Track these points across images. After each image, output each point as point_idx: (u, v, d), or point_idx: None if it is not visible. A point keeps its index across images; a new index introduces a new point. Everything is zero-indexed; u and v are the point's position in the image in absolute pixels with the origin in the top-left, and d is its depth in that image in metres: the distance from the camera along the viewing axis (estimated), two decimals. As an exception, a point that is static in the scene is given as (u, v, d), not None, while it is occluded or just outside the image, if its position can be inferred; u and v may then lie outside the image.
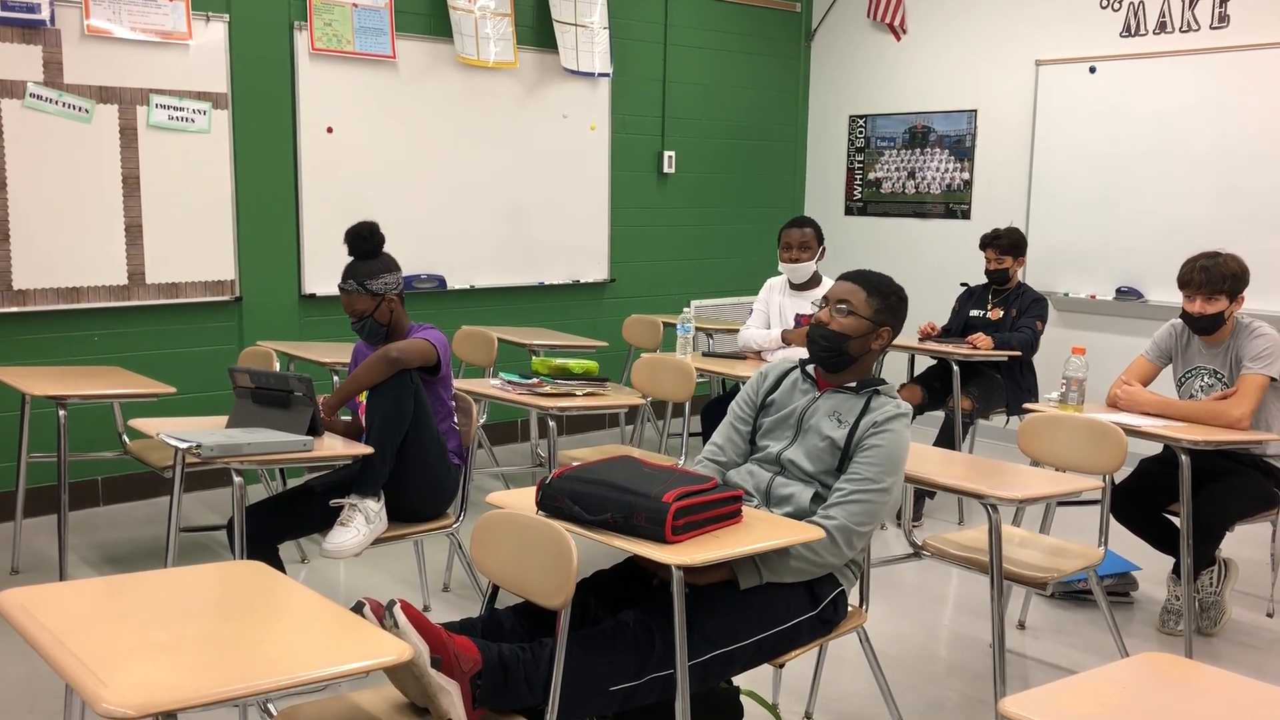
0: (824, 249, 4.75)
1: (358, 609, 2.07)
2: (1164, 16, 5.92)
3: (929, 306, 6.60)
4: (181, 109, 5.08)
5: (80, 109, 4.82)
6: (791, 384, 2.84)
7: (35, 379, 3.99)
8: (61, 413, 3.86)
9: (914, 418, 5.06)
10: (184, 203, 5.14)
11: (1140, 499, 3.93)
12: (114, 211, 4.96)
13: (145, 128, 5.00)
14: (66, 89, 4.78)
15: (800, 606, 2.59)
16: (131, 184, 4.99)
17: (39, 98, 4.72)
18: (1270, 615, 4.08)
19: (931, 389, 5.23)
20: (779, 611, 2.54)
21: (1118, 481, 3.78)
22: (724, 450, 2.87)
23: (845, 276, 2.80)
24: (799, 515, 2.64)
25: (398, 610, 2.05)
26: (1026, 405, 4.07)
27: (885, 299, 2.75)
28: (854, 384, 2.76)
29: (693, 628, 2.37)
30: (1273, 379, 3.71)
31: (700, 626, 2.42)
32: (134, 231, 5.02)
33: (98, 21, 4.81)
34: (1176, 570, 3.85)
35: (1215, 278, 3.72)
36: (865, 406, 2.69)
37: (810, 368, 2.84)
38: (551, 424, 3.95)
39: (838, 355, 2.74)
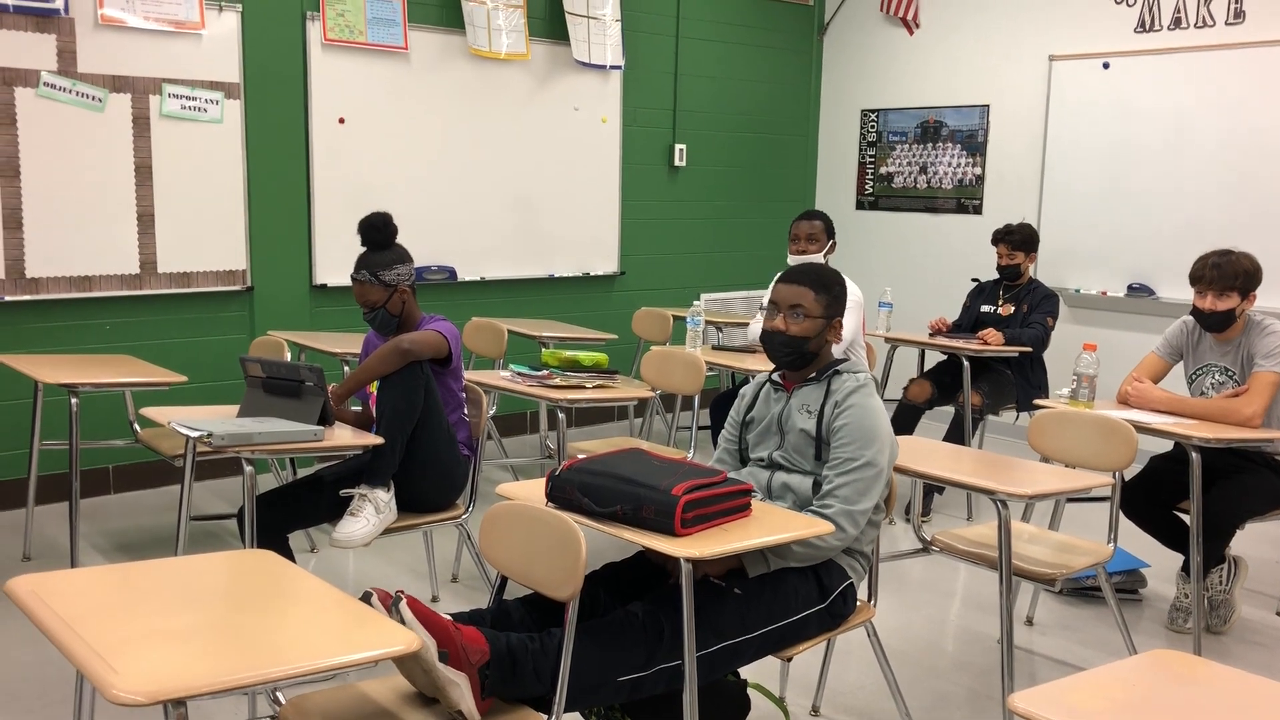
0: (834, 243, 4.73)
1: (365, 599, 2.07)
2: (1179, 12, 5.88)
3: (940, 301, 6.59)
4: (194, 99, 5.09)
5: (93, 98, 4.83)
6: (765, 396, 2.92)
7: (47, 367, 4.01)
8: (73, 401, 3.88)
9: (923, 412, 5.14)
10: (196, 192, 5.15)
11: (1150, 496, 3.92)
12: (126, 201, 4.97)
13: (158, 117, 5.01)
14: (80, 78, 4.79)
15: (809, 599, 2.59)
16: (144, 173, 5.00)
17: (53, 86, 4.73)
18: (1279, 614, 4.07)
19: (941, 384, 5.22)
20: (788, 604, 2.55)
21: (1128, 478, 3.78)
22: (726, 469, 2.93)
23: (789, 279, 2.80)
24: (803, 504, 2.69)
25: (404, 607, 2.05)
26: (1037, 401, 4.06)
27: (831, 292, 2.79)
28: (814, 374, 2.81)
29: (701, 619, 2.38)
30: (1285, 377, 3.69)
31: (709, 618, 2.42)
32: (146, 221, 5.03)
33: (111, 11, 4.82)
34: (1186, 568, 3.84)
35: (1227, 275, 3.71)
36: (827, 390, 2.75)
37: (777, 375, 2.91)
38: (561, 416, 3.96)
39: (800, 356, 2.79)
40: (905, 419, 5.12)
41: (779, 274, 2.90)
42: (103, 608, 1.84)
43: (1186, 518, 3.76)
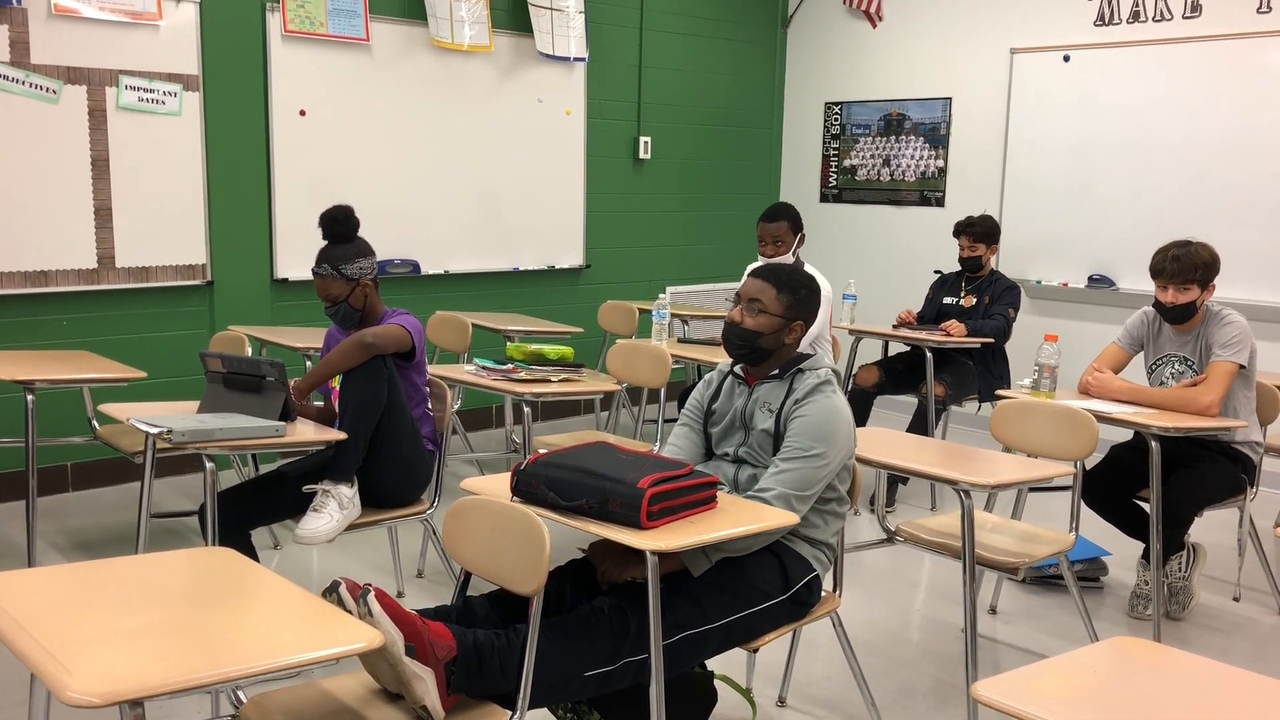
0: (803, 235, 4.72)
1: (333, 589, 2.06)
2: (1137, 6, 5.94)
3: (903, 293, 6.63)
4: (151, 91, 5.01)
5: (48, 90, 4.75)
6: (729, 388, 2.90)
7: (3, 363, 3.94)
8: (30, 397, 3.81)
9: (874, 397, 5.16)
10: (154, 186, 5.08)
11: (1111, 485, 3.96)
12: (83, 194, 4.89)
13: (114, 109, 4.93)
14: (33, 69, 4.71)
15: (772, 590, 2.60)
16: (101, 166, 4.93)
17: (5, 78, 4.64)
18: (1237, 600, 4.13)
19: (895, 372, 5.26)
20: (751, 594, 2.55)
21: (1089, 468, 3.81)
22: (682, 451, 2.90)
23: (756, 274, 2.82)
24: None
25: (371, 599, 2.04)
26: (999, 392, 4.09)
27: (795, 294, 2.79)
28: (777, 371, 2.80)
29: (665, 610, 2.37)
30: (1241, 366, 3.75)
31: (672, 609, 2.42)
32: (103, 214, 4.95)
33: (65, 1, 4.74)
34: (1146, 555, 3.88)
35: (1187, 267, 3.75)
36: (789, 389, 2.74)
37: (739, 367, 2.89)
38: (526, 410, 3.94)
39: (753, 351, 2.79)
40: (856, 405, 5.14)
41: (752, 266, 2.87)
42: (59, 607, 1.81)
43: (1146, 506, 3.80)
